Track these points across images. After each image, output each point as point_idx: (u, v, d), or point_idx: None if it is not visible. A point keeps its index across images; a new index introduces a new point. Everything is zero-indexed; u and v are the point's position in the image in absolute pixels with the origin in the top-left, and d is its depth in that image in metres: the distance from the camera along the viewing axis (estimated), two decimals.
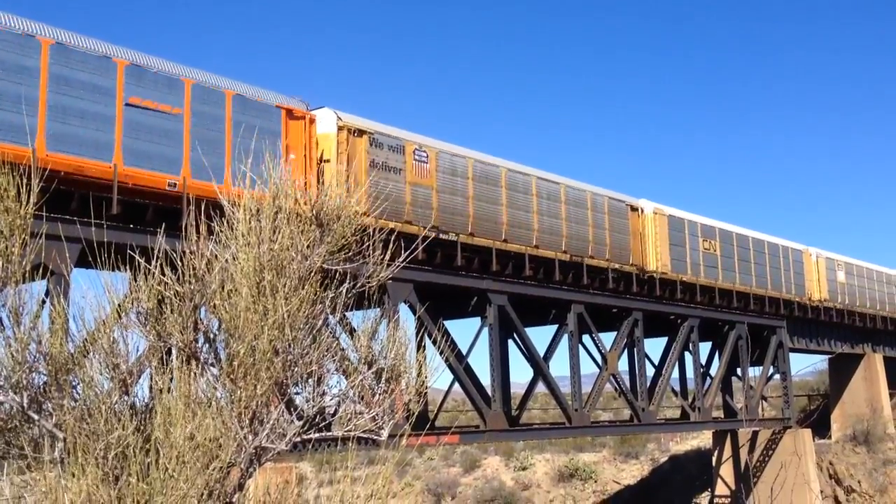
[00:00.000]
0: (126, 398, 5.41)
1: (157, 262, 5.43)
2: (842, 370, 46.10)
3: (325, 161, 20.37)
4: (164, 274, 5.43)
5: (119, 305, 5.67)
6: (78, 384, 5.35)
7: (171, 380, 5.41)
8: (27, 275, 5.46)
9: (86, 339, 5.53)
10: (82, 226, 13.93)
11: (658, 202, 32.29)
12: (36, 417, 5.26)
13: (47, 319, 5.68)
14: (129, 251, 5.56)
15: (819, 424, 43.21)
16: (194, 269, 5.42)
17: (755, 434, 39.11)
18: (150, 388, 5.61)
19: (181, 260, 5.48)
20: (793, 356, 40.33)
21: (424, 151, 23.18)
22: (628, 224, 30.34)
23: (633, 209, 30.84)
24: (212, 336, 5.72)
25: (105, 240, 6.21)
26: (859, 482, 39.73)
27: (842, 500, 39.68)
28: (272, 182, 5.48)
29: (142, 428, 5.19)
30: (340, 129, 20.66)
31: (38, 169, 5.41)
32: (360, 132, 21.20)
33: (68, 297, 6.10)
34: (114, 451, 4.94)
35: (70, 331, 5.56)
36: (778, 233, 47.52)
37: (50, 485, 4.85)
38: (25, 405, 5.26)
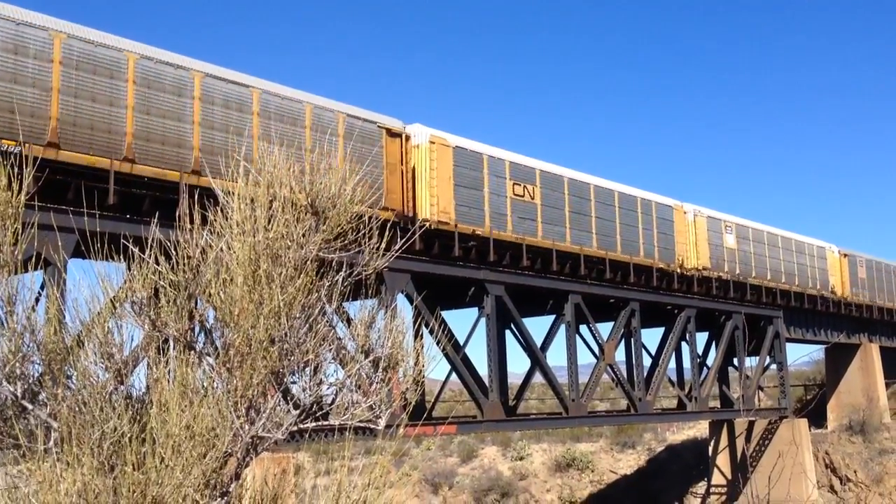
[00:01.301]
0: (121, 388, 5.38)
1: (150, 251, 5.40)
2: (838, 360, 46.19)
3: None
4: (158, 263, 5.40)
5: (114, 295, 5.64)
6: (73, 374, 5.32)
7: (166, 369, 5.38)
8: (21, 265, 5.43)
9: (80, 329, 5.50)
10: (77, 216, 13.93)
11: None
12: (30, 407, 5.23)
13: (43, 310, 5.65)
14: (122, 241, 5.53)
15: (815, 414, 43.30)
16: (189, 258, 5.39)
17: (752, 424, 39.19)
18: (146, 377, 5.59)
19: (176, 249, 5.45)
20: (789, 346, 40.41)
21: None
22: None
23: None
24: (207, 325, 5.70)
25: (99, 230, 6.18)
26: (855, 472, 39.84)
27: (838, 489, 39.80)
28: (266, 171, 5.45)
29: (137, 418, 5.16)
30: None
31: (32, 159, 5.37)
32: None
33: (63, 286, 6.06)
34: (109, 440, 4.91)
35: (65, 321, 5.53)
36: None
37: (45, 475, 4.83)
38: (20, 395, 5.23)
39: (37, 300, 5.60)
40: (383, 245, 5.83)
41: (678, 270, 32.34)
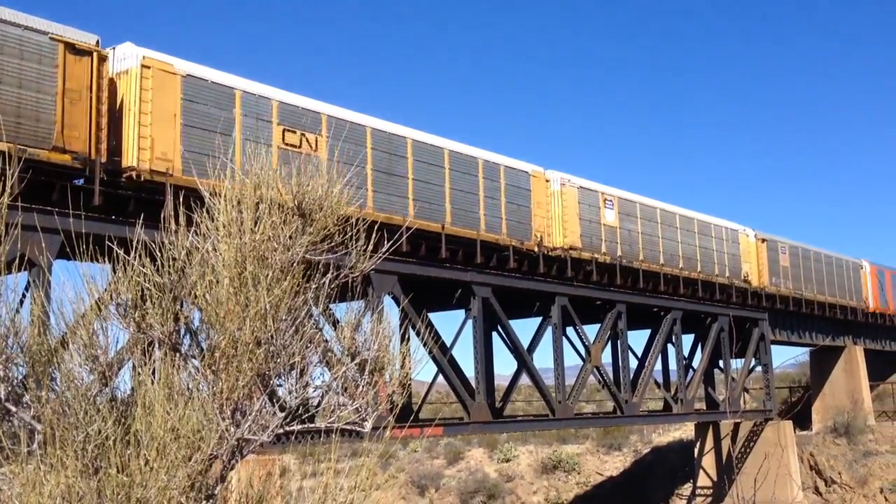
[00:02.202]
0: (106, 390, 5.36)
1: (136, 253, 5.38)
2: (823, 362, 46.41)
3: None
4: (143, 265, 5.38)
5: (98, 297, 5.61)
6: (57, 376, 5.29)
7: (151, 371, 5.36)
8: (4, 267, 5.39)
9: (65, 331, 5.47)
10: (62, 217, 13.86)
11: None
12: (14, 409, 5.20)
13: (28, 311, 5.61)
14: (107, 242, 5.50)
15: (800, 416, 43.50)
16: (174, 260, 5.37)
17: (737, 426, 39.34)
18: (131, 379, 5.56)
19: (161, 251, 5.42)
20: (774, 348, 40.56)
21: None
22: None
23: None
24: (193, 327, 5.68)
25: (84, 231, 6.14)
26: (840, 474, 40.04)
27: (822, 491, 39.99)
28: (254, 172, 5.43)
29: (122, 420, 5.14)
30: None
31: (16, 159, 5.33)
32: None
33: (48, 288, 6.03)
34: (93, 442, 4.89)
35: (49, 323, 5.50)
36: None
37: (29, 477, 4.80)
38: (3, 397, 5.20)
39: (21, 302, 5.57)
40: (370, 247, 5.83)
41: (535, 250, 26.78)
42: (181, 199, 19.44)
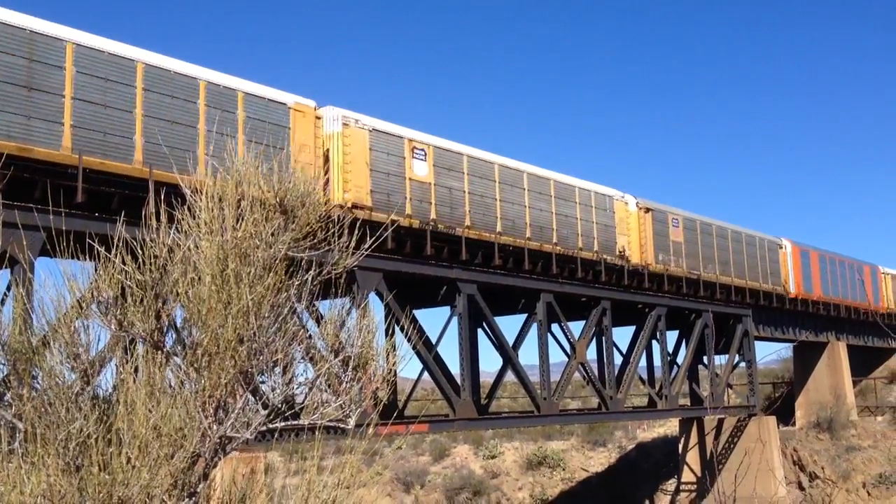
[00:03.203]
0: (88, 388, 5.33)
1: (117, 250, 5.36)
2: (806, 358, 46.69)
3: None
4: (124, 263, 5.36)
5: (81, 295, 5.59)
6: (38, 374, 5.27)
7: (133, 369, 5.34)
8: None
9: (46, 329, 5.45)
10: (44, 214, 13.77)
11: None
12: None
13: (9, 309, 5.58)
14: (87, 240, 5.48)
15: (783, 412, 43.76)
16: (156, 257, 5.35)
17: (721, 421, 39.55)
18: (113, 377, 5.54)
19: (142, 248, 5.40)
20: (758, 344, 40.74)
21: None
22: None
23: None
24: (175, 325, 5.66)
25: (65, 228, 6.11)
26: (822, 468, 40.31)
27: (805, 486, 40.25)
28: (234, 169, 5.42)
29: (104, 418, 5.12)
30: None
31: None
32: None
33: (30, 286, 5.99)
34: (75, 441, 4.87)
35: (31, 320, 5.48)
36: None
37: (10, 475, 4.78)
38: None
39: (2, 300, 5.54)
40: (353, 243, 5.82)
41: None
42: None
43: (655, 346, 35.04)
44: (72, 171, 16.42)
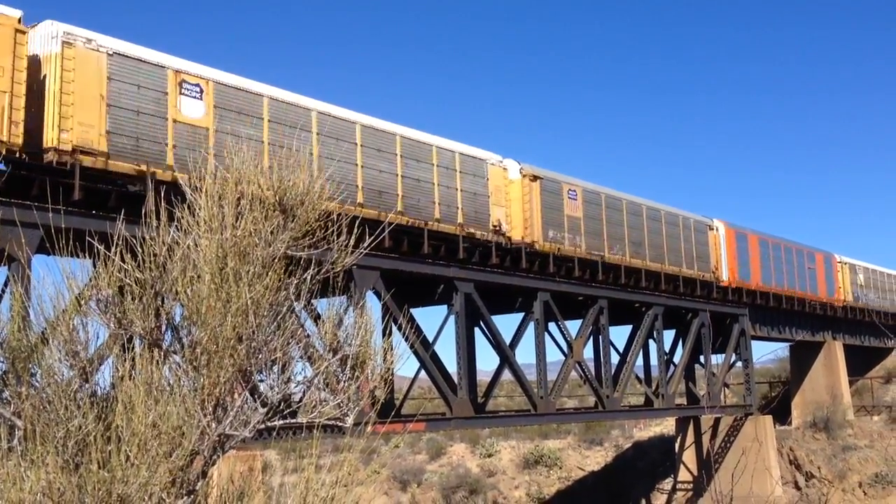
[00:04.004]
0: (86, 386, 5.34)
1: (117, 248, 5.36)
2: (802, 358, 46.75)
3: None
4: (124, 261, 5.36)
5: (79, 293, 5.59)
6: (37, 372, 5.27)
7: (132, 367, 5.35)
8: None
9: (45, 327, 5.45)
10: (42, 212, 13.76)
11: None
12: None
13: (7, 306, 5.58)
14: (87, 238, 5.48)
15: (780, 411, 43.82)
16: (155, 255, 5.36)
17: (717, 421, 39.60)
18: (112, 375, 5.54)
19: (142, 246, 5.41)
20: (754, 343, 40.76)
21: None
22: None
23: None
24: (174, 323, 5.66)
25: (65, 226, 6.12)
26: (819, 468, 40.37)
27: (801, 485, 40.31)
28: (234, 167, 5.43)
29: (103, 416, 5.12)
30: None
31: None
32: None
33: (27, 283, 5.99)
34: (74, 438, 4.87)
35: (29, 318, 5.48)
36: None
37: (9, 473, 4.78)
38: None
39: (0, 297, 5.55)
40: (352, 242, 5.83)
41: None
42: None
43: (652, 345, 35.08)
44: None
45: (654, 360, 35.72)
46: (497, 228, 25.91)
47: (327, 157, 20.31)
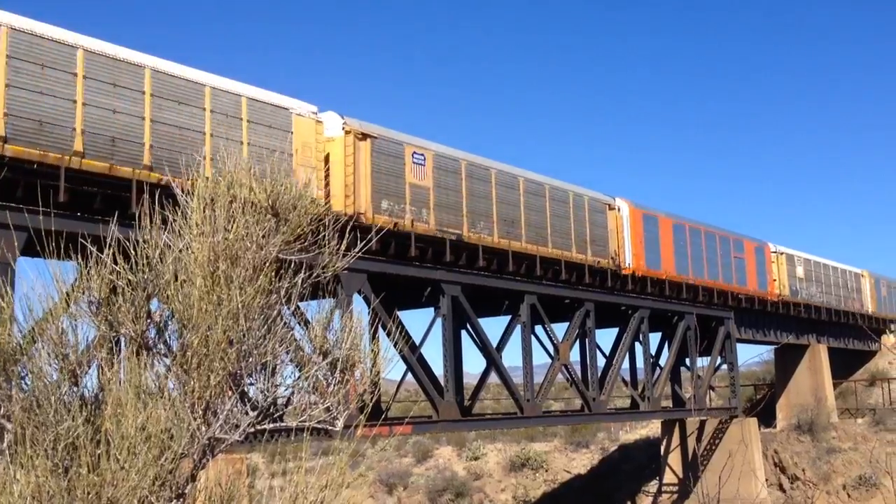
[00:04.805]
0: (76, 389, 5.33)
1: (109, 250, 5.35)
2: (787, 360, 47.00)
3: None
4: (115, 263, 5.35)
5: (68, 294, 5.58)
6: (26, 374, 5.26)
7: (122, 370, 5.34)
8: None
9: (33, 329, 5.43)
10: (29, 214, 13.70)
11: None
12: None
13: None
14: (80, 240, 5.47)
15: (765, 414, 44.03)
16: (147, 258, 5.35)
17: (703, 423, 39.75)
18: (100, 378, 5.53)
19: (134, 249, 5.40)
20: (740, 346, 40.88)
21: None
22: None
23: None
24: (164, 326, 5.66)
25: (53, 228, 6.10)
26: (803, 470, 40.59)
27: (786, 487, 40.52)
28: (227, 170, 5.43)
29: (92, 419, 5.11)
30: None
31: None
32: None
33: (13, 285, 5.97)
34: (63, 442, 4.86)
35: (17, 320, 5.46)
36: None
37: None
38: None
39: None
40: (343, 246, 5.84)
41: None
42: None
43: (638, 347, 35.23)
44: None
45: (640, 363, 35.87)
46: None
47: (20, 87, 16.44)
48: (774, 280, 41.79)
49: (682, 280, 34.81)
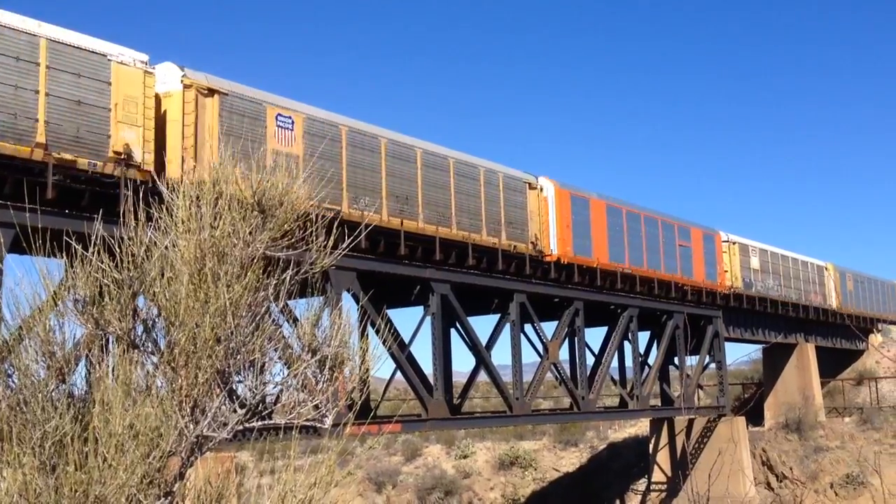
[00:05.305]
0: (63, 386, 5.31)
1: (94, 248, 5.33)
2: (775, 359, 47.14)
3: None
4: (101, 261, 5.33)
5: (55, 292, 5.56)
6: (13, 372, 5.24)
7: (109, 368, 5.32)
8: None
9: (20, 326, 5.41)
10: (16, 210, 13.65)
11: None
12: None
13: None
14: (65, 237, 5.45)
15: (753, 412, 44.18)
16: (133, 255, 5.34)
17: (691, 422, 39.87)
18: (88, 376, 5.51)
19: (119, 246, 5.38)
20: (728, 345, 40.94)
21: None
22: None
23: None
24: (151, 324, 5.64)
25: (40, 225, 6.07)
26: (791, 469, 40.74)
27: (774, 486, 40.67)
28: (212, 167, 5.42)
29: (80, 417, 5.09)
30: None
31: None
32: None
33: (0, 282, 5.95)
34: (51, 440, 4.84)
35: (4, 317, 5.44)
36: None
37: None
38: None
39: None
40: (331, 243, 5.84)
41: None
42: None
43: (627, 346, 35.29)
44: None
45: (628, 362, 35.95)
46: (123, 157, 17.40)
47: None
48: (726, 271, 39.08)
49: (616, 269, 31.61)
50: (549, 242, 29.04)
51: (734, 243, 39.92)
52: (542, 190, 29.22)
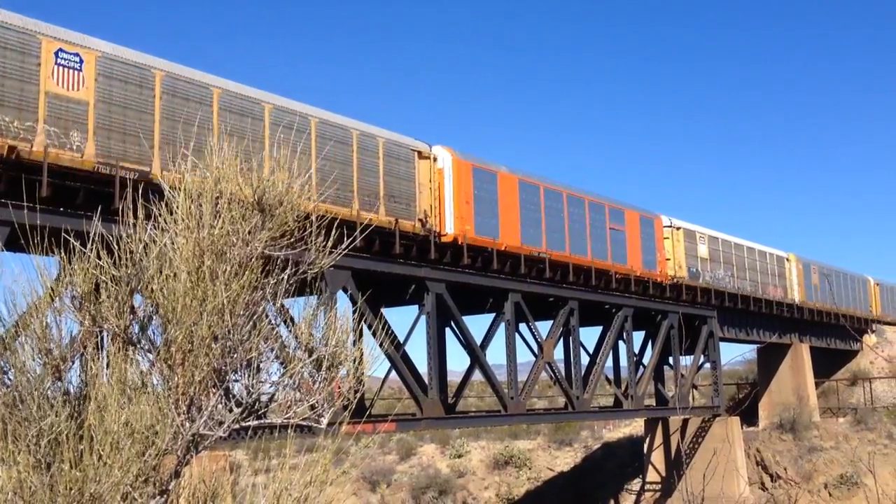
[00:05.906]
0: (59, 384, 5.29)
1: (92, 244, 5.32)
2: (770, 359, 47.24)
3: None
4: (99, 258, 5.32)
5: (52, 289, 5.54)
6: (9, 369, 5.22)
7: (105, 365, 5.31)
8: None
9: (17, 323, 5.40)
10: (14, 209, 13.64)
11: None
12: None
13: None
14: (63, 234, 5.44)
15: (747, 412, 44.28)
16: (131, 252, 5.33)
17: (686, 422, 39.93)
18: (84, 373, 5.50)
19: (117, 243, 5.37)
20: (723, 345, 41.08)
21: None
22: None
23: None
24: (148, 321, 5.63)
25: (38, 223, 6.06)
26: (785, 469, 40.83)
27: (768, 486, 40.75)
28: (213, 166, 5.41)
29: (75, 414, 5.08)
30: None
31: None
32: None
33: None
34: (46, 437, 4.83)
35: (0, 314, 5.42)
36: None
37: None
38: None
39: None
40: (330, 243, 5.83)
41: None
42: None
43: (622, 346, 35.31)
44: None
45: (623, 362, 36.00)
46: None
47: None
48: (668, 259, 35.68)
49: (526, 252, 27.80)
50: (445, 220, 25.44)
51: (678, 228, 36.38)
52: (435, 160, 25.51)
